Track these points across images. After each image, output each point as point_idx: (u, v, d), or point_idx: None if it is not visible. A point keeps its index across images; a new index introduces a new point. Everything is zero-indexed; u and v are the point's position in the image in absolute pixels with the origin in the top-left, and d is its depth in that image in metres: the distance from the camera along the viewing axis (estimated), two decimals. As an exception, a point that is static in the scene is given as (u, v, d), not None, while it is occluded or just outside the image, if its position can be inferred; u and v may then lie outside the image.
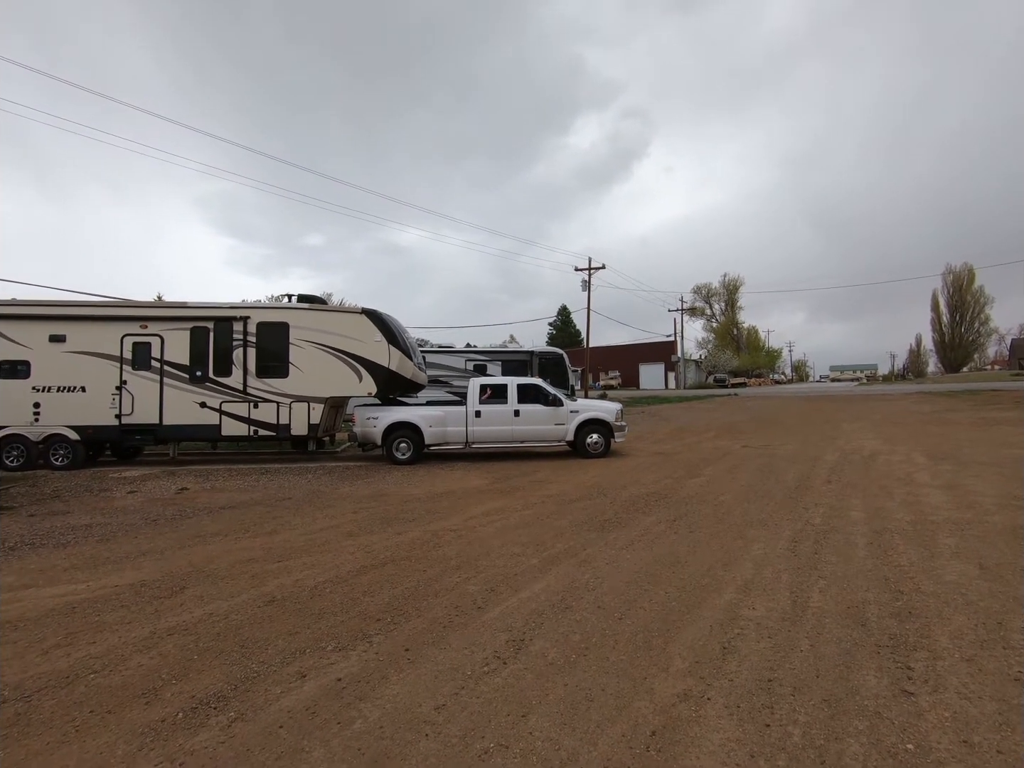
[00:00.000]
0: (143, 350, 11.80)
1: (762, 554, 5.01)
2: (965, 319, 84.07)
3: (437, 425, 12.27)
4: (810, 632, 3.42)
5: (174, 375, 11.82)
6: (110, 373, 11.68)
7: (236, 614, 4.00)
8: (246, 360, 11.93)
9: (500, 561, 5.08)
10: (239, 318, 12.03)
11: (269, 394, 11.95)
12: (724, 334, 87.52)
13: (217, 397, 11.86)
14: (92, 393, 11.63)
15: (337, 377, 12.02)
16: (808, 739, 2.40)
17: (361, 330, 12.13)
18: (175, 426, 11.86)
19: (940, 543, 5.13)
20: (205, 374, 11.87)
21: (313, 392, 11.98)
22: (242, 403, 11.90)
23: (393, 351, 12.16)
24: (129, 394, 11.69)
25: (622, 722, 2.57)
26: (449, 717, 2.65)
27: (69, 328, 11.69)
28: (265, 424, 11.92)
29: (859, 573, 4.42)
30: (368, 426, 12.12)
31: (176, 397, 11.79)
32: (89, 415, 11.57)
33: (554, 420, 12.61)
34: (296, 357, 11.99)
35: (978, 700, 2.65)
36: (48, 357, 11.53)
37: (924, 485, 7.86)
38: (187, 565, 5.21)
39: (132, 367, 11.74)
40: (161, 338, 11.85)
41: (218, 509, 7.78)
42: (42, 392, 11.51)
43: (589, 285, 36.61)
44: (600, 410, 12.96)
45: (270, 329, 12.07)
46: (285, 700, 2.84)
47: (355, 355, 12.04)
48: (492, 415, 12.43)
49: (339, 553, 5.49)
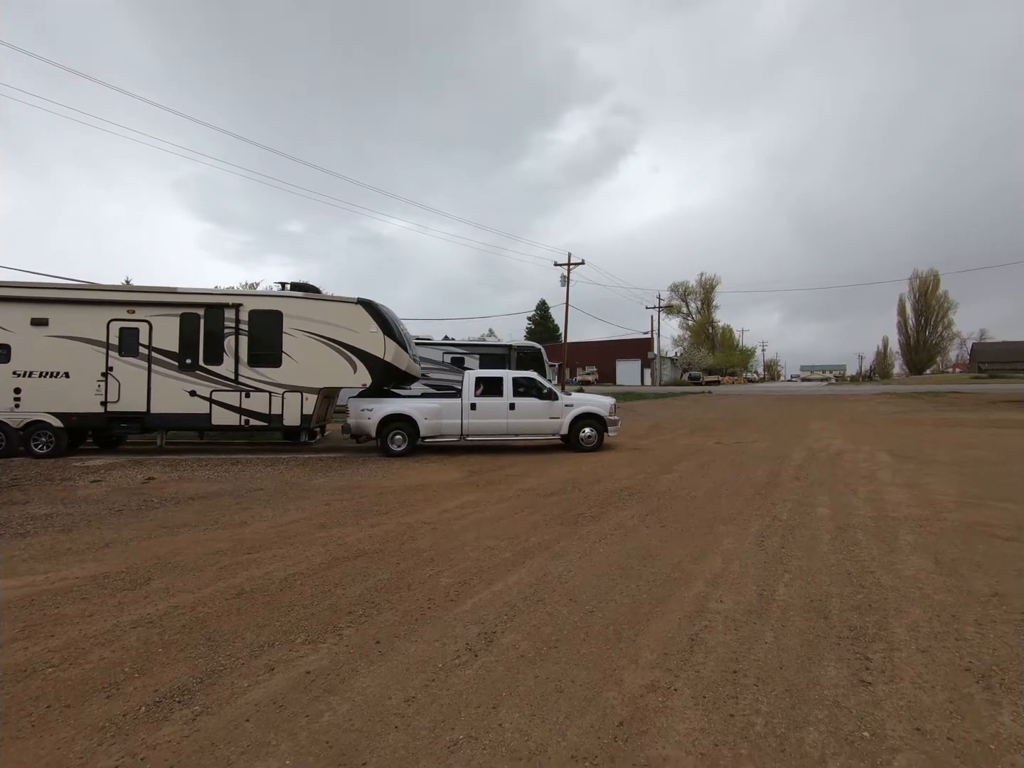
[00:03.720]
0: (130, 336, 11.45)
1: (731, 548, 5.12)
2: (930, 323, 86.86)
3: (432, 417, 12.20)
4: (775, 624, 3.51)
5: (163, 362, 11.52)
6: (95, 359, 11.32)
7: (203, 606, 3.92)
8: (238, 348, 11.68)
9: (474, 554, 5.08)
10: (231, 305, 11.76)
11: (261, 383, 11.72)
12: (699, 332, 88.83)
13: (207, 386, 11.59)
14: (76, 379, 11.28)
15: (331, 367, 11.85)
16: (770, 728, 2.47)
17: (357, 320, 11.93)
18: (163, 414, 11.57)
19: (900, 539, 5.31)
20: (195, 362, 11.58)
21: (306, 382, 11.80)
22: (233, 392, 11.64)
23: (389, 342, 12.01)
24: (115, 381, 11.36)
25: (591, 713, 2.60)
26: (419, 709, 2.64)
27: (52, 311, 11.30)
28: (257, 414, 11.69)
29: (823, 567, 4.55)
30: (363, 418, 11.97)
31: (164, 385, 11.50)
32: (73, 402, 11.26)
33: (549, 414, 12.65)
34: (289, 346, 11.76)
35: (931, 689, 2.76)
36: (30, 341, 11.16)
37: (886, 483, 8.11)
38: (152, 557, 5.08)
39: (119, 353, 11.41)
40: (149, 324, 11.50)
41: (186, 499, 7.61)
42: (23, 377, 11.15)
43: (568, 280, 36.74)
44: (594, 404, 13.04)
45: (263, 317, 11.80)
46: (252, 693, 2.80)
47: (350, 345, 11.87)
48: (487, 408, 12.39)
49: (311, 545, 5.43)
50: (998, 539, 5.22)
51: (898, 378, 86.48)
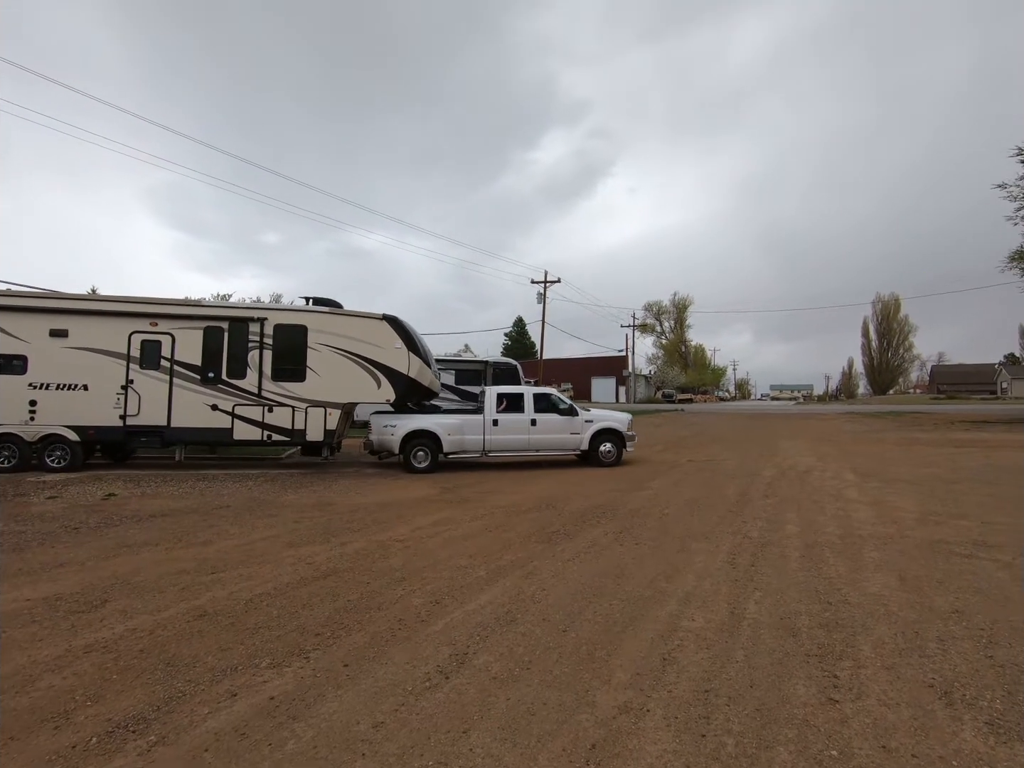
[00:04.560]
0: (152, 348, 11.22)
1: (703, 566, 5.16)
2: (892, 345, 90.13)
3: (455, 433, 12.16)
4: (746, 643, 3.54)
5: (185, 375, 11.30)
6: (115, 371, 11.05)
7: (162, 629, 3.77)
8: (261, 362, 11.54)
9: (447, 573, 5.01)
10: (256, 319, 11.63)
11: (285, 398, 11.59)
12: (673, 351, 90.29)
13: (230, 400, 11.41)
14: (95, 392, 10.98)
15: (355, 383, 11.78)
16: (741, 748, 2.47)
17: (381, 336, 11.91)
18: (184, 428, 11.29)
19: (865, 556, 5.43)
20: (218, 375, 11.40)
21: (330, 397, 11.69)
22: (256, 407, 11.49)
23: (413, 358, 12.01)
24: (136, 394, 11.10)
25: (563, 736, 2.57)
26: (388, 735, 2.57)
27: (72, 322, 10.98)
28: (279, 429, 11.55)
29: (792, 585, 4.62)
30: (385, 434, 11.89)
31: (186, 398, 11.27)
32: (91, 415, 10.94)
33: (569, 429, 12.75)
34: (314, 361, 11.66)
35: (896, 707, 2.81)
36: (48, 352, 10.83)
37: (853, 500, 8.31)
38: (110, 577, 4.88)
39: (140, 366, 11.15)
40: (172, 337, 11.29)
41: (148, 517, 7.34)
42: (39, 389, 10.80)
43: (544, 298, 37.08)
44: (614, 420, 13.21)
45: (287, 332, 11.69)
46: (212, 721, 2.69)
47: (374, 361, 11.82)
48: (509, 424, 12.42)
49: (278, 564, 5.28)
50: (957, 556, 5.38)
51: (863, 398, 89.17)
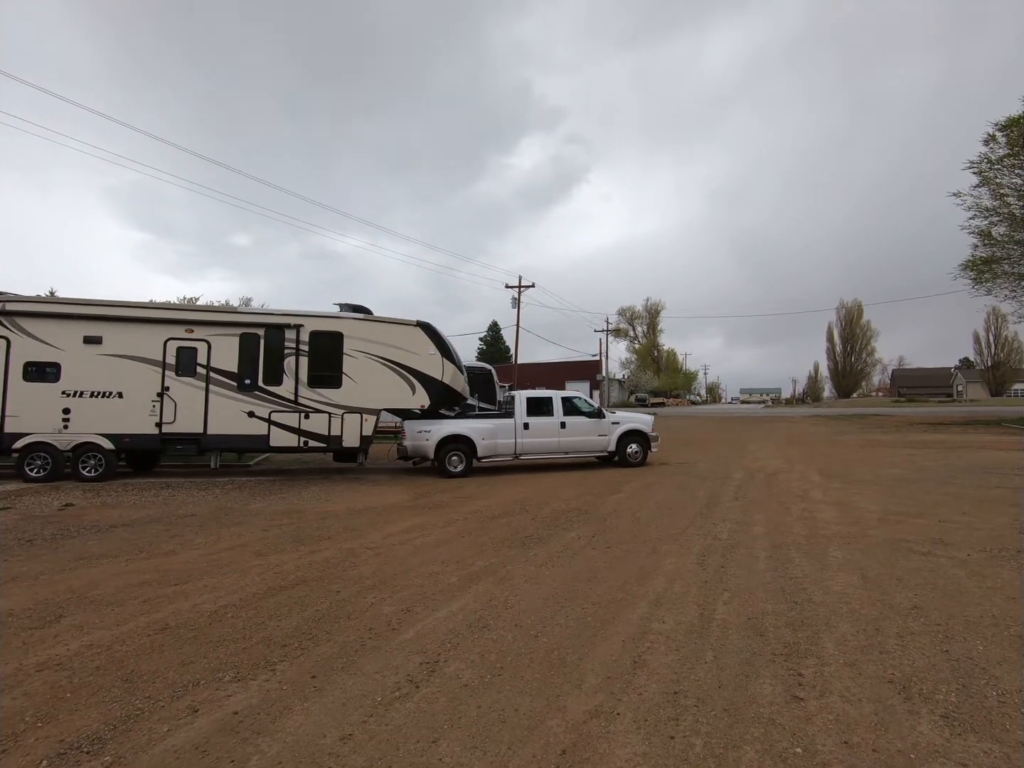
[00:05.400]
0: (188, 355, 11.17)
1: (674, 568, 5.22)
2: (855, 350, 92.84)
3: (488, 438, 12.32)
4: (714, 643, 3.59)
5: (221, 382, 11.26)
6: (151, 379, 10.97)
7: (121, 645, 3.63)
8: (298, 369, 11.55)
9: (418, 580, 4.96)
10: (292, 326, 11.63)
11: (321, 404, 11.61)
12: (645, 355, 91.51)
13: (266, 407, 11.42)
14: (130, 399, 10.92)
15: (390, 389, 11.89)
16: (709, 749, 2.50)
17: (416, 342, 12.04)
18: (220, 436, 11.26)
19: (829, 556, 5.57)
20: (254, 382, 11.40)
21: (366, 403, 11.77)
22: (292, 413, 11.50)
23: (447, 364, 12.17)
24: (172, 401, 11.04)
25: (533, 742, 2.56)
26: (355, 747, 2.53)
27: (107, 329, 10.90)
28: (316, 435, 11.58)
29: (760, 585, 4.71)
30: (420, 439, 11.98)
31: (222, 405, 11.23)
32: (126, 423, 10.86)
33: (597, 431, 13.04)
34: (349, 367, 11.74)
35: (858, 702, 2.88)
36: (81, 360, 10.72)
37: (817, 501, 8.53)
38: (66, 591, 4.69)
39: (176, 373, 11.10)
40: (208, 343, 11.24)
41: (108, 527, 7.09)
42: (73, 397, 10.68)
43: (519, 302, 37.19)
44: (639, 422, 13.56)
45: (324, 338, 11.73)
46: (172, 739, 2.60)
47: (409, 367, 11.95)
48: (540, 427, 12.66)
49: (245, 574, 5.15)
50: (916, 554, 5.57)
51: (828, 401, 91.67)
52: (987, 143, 24.67)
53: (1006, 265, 25.71)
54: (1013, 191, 24.87)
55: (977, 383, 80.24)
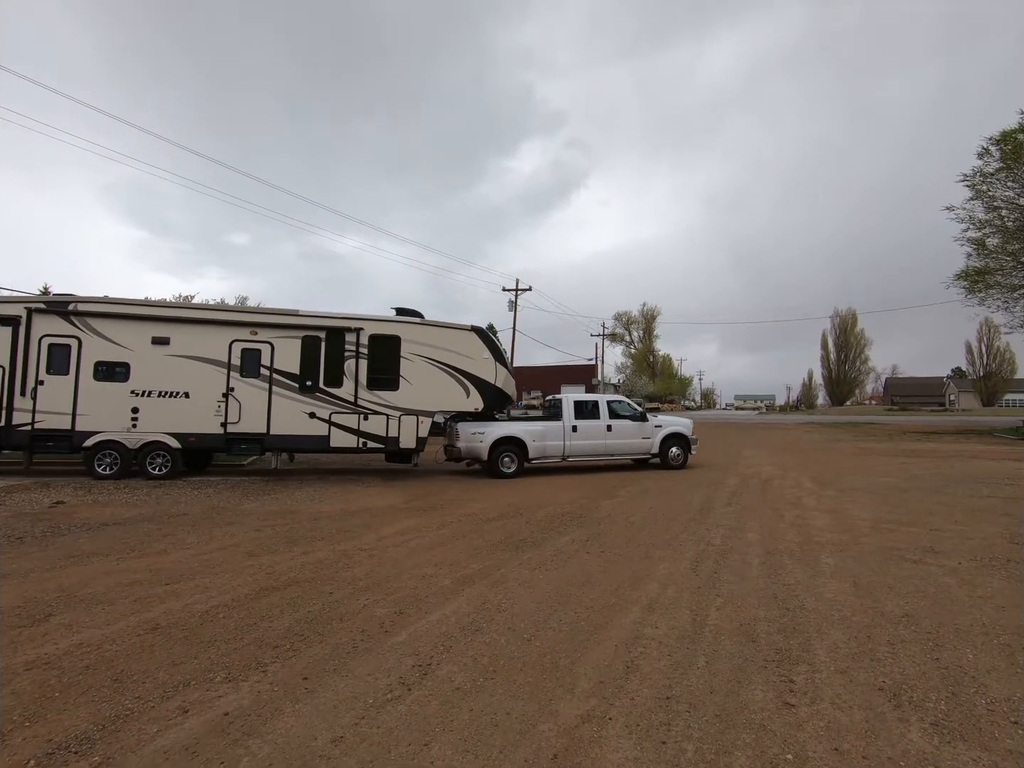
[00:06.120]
0: (252, 357, 11.44)
1: (667, 574, 5.23)
2: (849, 358, 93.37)
3: (539, 439, 12.61)
4: (707, 649, 3.59)
5: (283, 384, 11.53)
6: (217, 379, 11.22)
7: (111, 644, 3.61)
8: (357, 371, 11.83)
9: (411, 582, 4.95)
10: (352, 329, 11.90)
11: (379, 406, 11.89)
12: (641, 360, 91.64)
13: (327, 408, 11.65)
14: (196, 399, 11.15)
15: (446, 392, 12.21)
16: (700, 754, 2.51)
17: (470, 346, 12.38)
18: (283, 436, 11.49)
19: (822, 562, 5.59)
20: (315, 384, 11.65)
21: (422, 406, 12.07)
22: (352, 415, 11.75)
23: (499, 368, 12.56)
24: (236, 401, 11.29)
25: (525, 747, 2.56)
26: (346, 750, 2.52)
27: (174, 331, 11.18)
28: (374, 436, 11.84)
29: (752, 591, 4.72)
30: (474, 441, 12.22)
31: (285, 406, 11.49)
32: (193, 422, 11.10)
33: (641, 434, 13.35)
34: (406, 370, 12.04)
35: (848, 709, 2.89)
36: (150, 360, 11.00)
37: (810, 508, 8.56)
38: (56, 589, 4.65)
39: (240, 374, 11.34)
40: (271, 345, 11.52)
41: (99, 526, 7.04)
42: (142, 397, 10.97)
43: (515, 306, 37.21)
44: (680, 425, 13.86)
45: (382, 342, 12.04)
46: (161, 739, 2.59)
47: (464, 371, 12.28)
48: (587, 430, 12.93)
49: (237, 575, 5.12)
50: (908, 562, 5.60)
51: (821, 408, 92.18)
52: (981, 156, 24.93)
53: (999, 276, 25.94)
54: (1006, 204, 25.13)
55: (969, 393, 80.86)
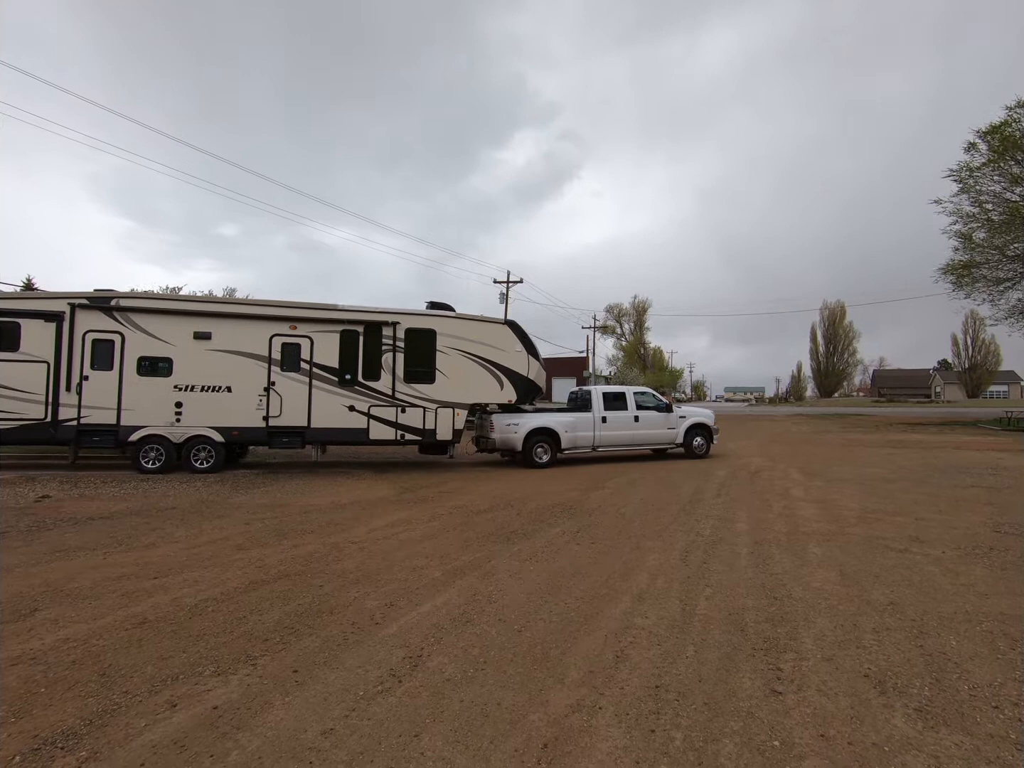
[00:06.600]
0: (292, 351, 11.54)
1: (657, 564, 5.26)
2: (837, 350, 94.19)
3: (571, 430, 12.95)
4: (696, 638, 3.62)
5: (323, 377, 11.64)
6: (258, 373, 11.34)
7: (98, 639, 3.57)
8: (395, 365, 11.99)
9: (402, 575, 4.94)
10: (389, 323, 12.02)
11: (416, 399, 12.08)
12: (632, 353, 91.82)
13: (366, 401, 11.81)
14: (238, 393, 11.25)
15: (480, 384, 12.45)
16: (688, 742, 2.53)
17: (503, 340, 12.61)
18: (323, 429, 11.63)
19: (809, 552, 5.66)
20: (354, 378, 11.81)
21: (458, 398, 12.28)
22: (390, 407, 11.92)
23: (532, 361, 12.82)
24: (277, 395, 11.41)
25: (516, 736, 2.57)
26: (336, 742, 2.51)
27: (215, 325, 11.26)
28: (412, 428, 12.02)
29: (741, 581, 4.76)
30: (508, 432, 12.56)
31: (324, 400, 11.60)
32: (235, 416, 11.22)
33: (667, 425, 13.80)
34: (442, 364, 12.22)
35: (834, 696, 2.93)
36: (192, 355, 11.09)
37: (798, 499, 8.65)
38: (41, 584, 4.60)
39: (281, 368, 11.45)
40: (311, 340, 11.62)
41: (85, 520, 6.96)
42: (185, 391, 11.05)
43: (507, 298, 37.10)
44: (703, 416, 14.32)
45: (418, 335, 12.19)
46: (150, 734, 2.57)
47: (497, 364, 12.52)
48: (616, 421, 13.33)
49: (226, 568, 5.09)
50: (893, 551, 5.67)
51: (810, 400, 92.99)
52: (968, 150, 25.11)
53: (985, 270, 26.24)
54: (992, 198, 25.36)
55: (955, 385, 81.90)
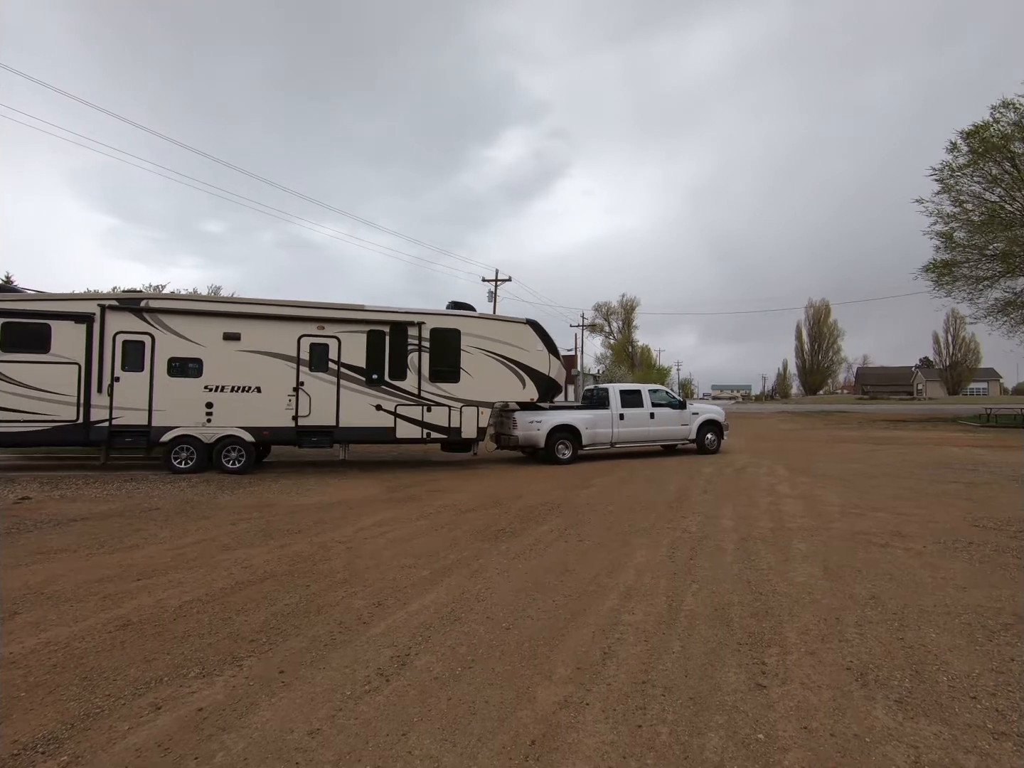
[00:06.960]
0: (320, 351, 11.64)
1: (644, 561, 5.30)
2: (822, 348, 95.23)
3: (591, 427, 13.24)
4: (682, 634, 3.66)
5: (351, 377, 11.77)
6: (287, 374, 11.44)
7: (80, 641, 3.52)
8: (420, 364, 12.14)
9: (390, 574, 4.93)
10: (415, 323, 12.16)
11: (441, 398, 12.22)
12: (620, 351, 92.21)
13: (392, 400, 11.96)
14: (268, 393, 11.34)
15: (504, 383, 12.65)
16: (674, 736, 2.56)
17: (525, 339, 12.82)
18: (351, 428, 11.76)
19: (793, 548, 5.73)
20: (381, 377, 11.94)
21: (482, 397, 12.46)
22: (416, 407, 12.07)
23: (553, 360, 13.03)
24: (306, 395, 11.50)
25: (503, 733, 2.58)
26: (323, 742, 2.51)
27: (244, 326, 11.32)
28: (437, 427, 12.17)
29: (727, 577, 4.81)
30: (531, 429, 12.82)
31: (352, 399, 11.73)
32: (265, 416, 11.30)
33: (680, 421, 14.11)
34: (467, 363, 12.39)
35: (817, 689, 2.97)
36: (222, 356, 11.14)
37: (784, 495, 8.76)
38: (21, 587, 4.52)
39: (309, 368, 11.55)
40: (338, 340, 11.74)
41: (67, 521, 6.85)
42: (215, 392, 11.11)
43: (495, 296, 37.08)
44: (714, 412, 14.70)
45: (443, 335, 12.34)
46: (133, 737, 2.54)
47: (520, 363, 12.74)
48: (633, 418, 13.65)
49: (212, 569, 5.04)
50: (875, 546, 5.77)
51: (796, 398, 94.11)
52: (950, 151, 25.52)
53: (965, 268, 26.71)
54: (972, 198, 25.81)
55: (936, 382, 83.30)
